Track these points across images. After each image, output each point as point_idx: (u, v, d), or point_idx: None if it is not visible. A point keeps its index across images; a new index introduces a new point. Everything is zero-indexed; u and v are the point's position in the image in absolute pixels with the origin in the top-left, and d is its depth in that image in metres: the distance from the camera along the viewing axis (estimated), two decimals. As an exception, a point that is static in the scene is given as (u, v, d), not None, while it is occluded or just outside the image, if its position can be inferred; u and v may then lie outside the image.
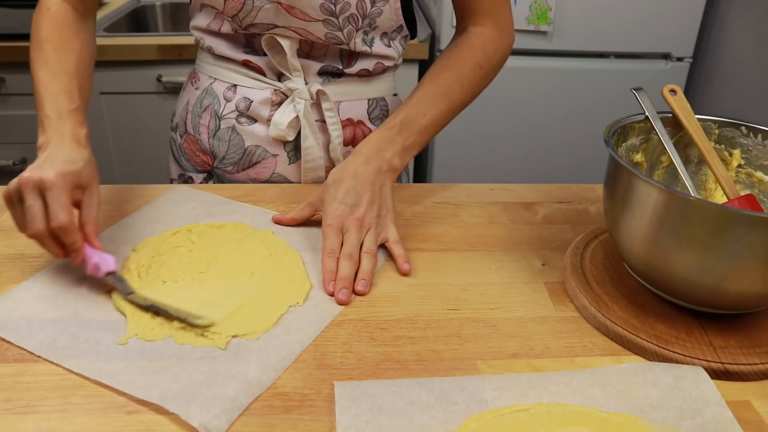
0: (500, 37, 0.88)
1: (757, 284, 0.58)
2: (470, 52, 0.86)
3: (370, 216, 0.74)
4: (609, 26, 1.73)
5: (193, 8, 0.90)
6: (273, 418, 0.53)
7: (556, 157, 1.89)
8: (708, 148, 0.70)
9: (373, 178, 0.76)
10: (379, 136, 0.80)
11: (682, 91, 0.71)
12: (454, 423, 0.52)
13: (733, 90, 1.76)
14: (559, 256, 0.76)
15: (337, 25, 0.83)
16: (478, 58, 0.86)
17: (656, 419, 0.52)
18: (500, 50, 0.88)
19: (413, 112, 0.81)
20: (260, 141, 0.91)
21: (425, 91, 0.83)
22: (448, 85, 0.84)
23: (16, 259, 0.72)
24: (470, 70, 0.85)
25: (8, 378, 0.56)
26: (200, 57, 0.94)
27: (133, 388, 0.54)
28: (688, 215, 0.57)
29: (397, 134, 0.80)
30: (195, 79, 0.95)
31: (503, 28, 0.88)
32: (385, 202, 0.76)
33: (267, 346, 0.60)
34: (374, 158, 0.78)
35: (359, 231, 0.72)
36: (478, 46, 0.86)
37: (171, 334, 0.60)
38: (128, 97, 1.76)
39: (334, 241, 0.71)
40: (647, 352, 0.60)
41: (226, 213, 0.81)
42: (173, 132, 0.99)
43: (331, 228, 0.72)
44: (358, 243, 0.72)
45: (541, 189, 0.92)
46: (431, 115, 0.82)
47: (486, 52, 0.86)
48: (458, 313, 0.66)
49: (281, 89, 0.88)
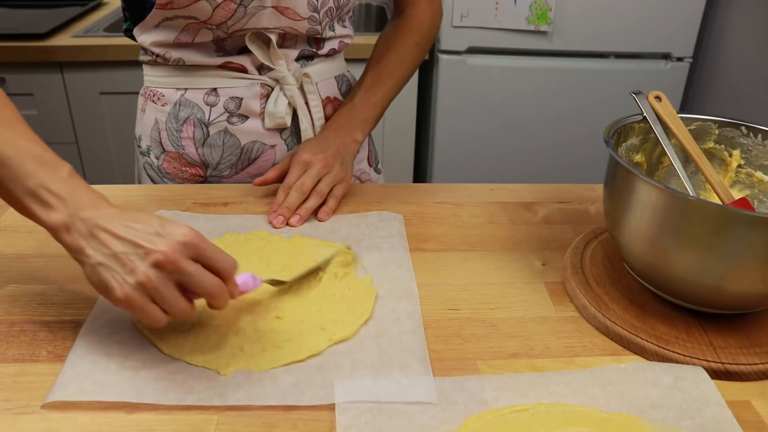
0: (434, 14, 1.01)
1: (757, 284, 0.58)
2: (409, 32, 0.98)
3: (335, 162, 0.83)
4: (609, 26, 1.73)
5: (146, 25, 0.85)
6: (273, 418, 0.53)
7: (556, 157, 1.89)
8: (698, 153, 0.70)
9: (338, 143, 0.87)
10: (341, 115, 0.92)
11: (666, 98, 0.71)
12: (454, 423, 0.52)
13: (733, 90, 1.76)
14: (559, 256, 0.76)
15: (317, 19, 0.87)
16: (415, 37, 0.98)
17: (656, 419, 0.52)
18: (434, 26, 1.01)
19: (366, 91, 0.94)
20: (256, 136, 0.91)
21: (374, 72, 0.96)
22: (393, 64, 0.96)
23: (15, 259, 0.72)
24: (410, 48, 0.98)
25: (8, 378, 0.56)
26: (157, 73, 0.90)
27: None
28: (688, 215, 0.57)
29: (356, 112, 0.92)
30: (157, 97, 0.90)
31: (435, 7, 1.01)
32: (346, 161, 0.86)
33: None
34: (339, 131, 0.89)
35: (323, 168, 0.81)
36: (414, 26, 0.99)
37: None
38: (128, 97, 1.75)
39: (295, 176, 0.80)
40: (647, 352, 0.60)
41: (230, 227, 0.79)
42: (146, 156, 0.94)
43: (298, 164, 0.81)
44: (316, 178, 0.81)
45: (541, 189, 0.92)
46: (381, 92, 0.95)
47: (422, 31, 0.99)
48: (458, 313, 0.66)
49: (267, 82, 0.90)
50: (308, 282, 0.68)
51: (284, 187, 0.80)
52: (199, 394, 0.54)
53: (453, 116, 1.84)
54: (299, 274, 0.67)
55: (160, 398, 0.54)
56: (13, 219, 0.80)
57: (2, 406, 0.53)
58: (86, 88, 1.72)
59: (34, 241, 0.75)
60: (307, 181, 0.80)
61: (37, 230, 0.77)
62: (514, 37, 1.74)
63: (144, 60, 0.91)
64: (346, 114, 0.92)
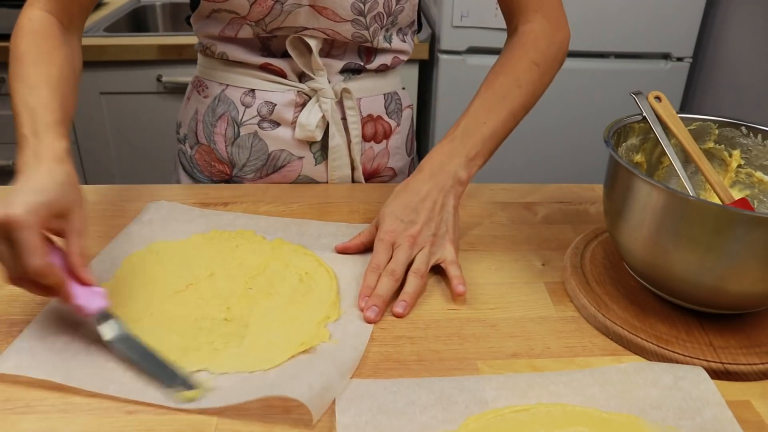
0: (553, 31, 0.84)
1: (757, 284, 0.58)
2: (523, 52, 0.82)
3: (425, 234, 0.70)
4: (609, 26, 1.73)
5: (200, 15, 0.86)
6: (273, 418, 0.53)
7: (556, 156, 1.89)
8: (698, 153, 0.70)
9: (435, 196, 0.72)
10: (441, 149, 0.76)
11: (666, 98, 0.71)
12: (454, 423, 0.52)
13: (733, 90, 1.76)
14: (559, 256, 0.76)
15: (364, 24, 0.83)
16: (531, 56, 0.82)
17: (656, 419, 0.52)
18: (555, 44, 0.84)
19: (472, 121, 0.78)
20: (285, 145, 0.89)
21: (482, 99, 0.80)
22: (506, 89, 0.80)
23: (16, 259, 0.72)
24: (525, 69, 0.81)
25: (8, 378, 0.56)
26: (206, 64, 0.92)
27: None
28: (688, 215, 0.57)
29: (459, 145, 0.76)
30: (202, 88, 0.92)
31: (555, 21, 0.84)
32: (445, 220, 0.72)
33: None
34: (437, 173, 0.74)
35: (410, 248, 0.69)
36: (529, 44, 0.82)
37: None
38: (128, 97, 1.76)
39: (382, 257, 0.68)
40: (647, 352, 0.60)
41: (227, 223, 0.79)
42: (182, 144, 0.96)
43: (382, 242, 0.69)
44: (406, 261, 0.68)
45: (541, 189, 0.92)
46: (492, 122, 0.78)
47: (539, 48, 0.82)
48: (458, 313, 0.66)
49: (304, 90, 0.87)
50: (275, 287, 0.68)
51: (374, 269, 0.67)
52: (120, 386, 0.54)
53: (453, 116, 1.81)
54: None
55: (84, 384, 0.54)
56: (13, 219, 0.79)
57: (2, 406, 0.53)
58: (86, 88, 1.72)
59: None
60: (398, 269, 0.67)
61: (37, 230, 0.77)
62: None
63: (198, 49, 0.92)
64: (447, 149, 0.76)
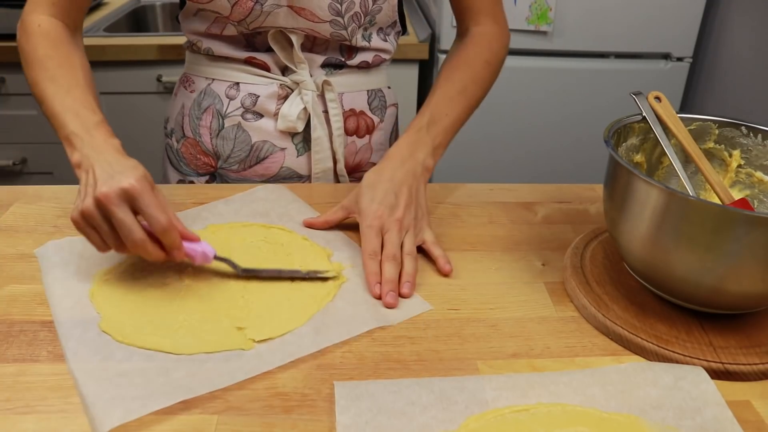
0: (501, 34, 0.92)
1: (757, 284, 0.58)
2: (478, 51, 0.89)
3: (408, 217, 0.74)
4: (609, 26, 1.73)
5: (187, 13, 0.89)
6: (273, 418, 0.53)
7: (556, 157, 1.89)
8: (698, 154, 0.70)
9: (409, 181, 0.76)
10: (408, 139, 0.81)
11: (666, 98, 0.71)
12: (454, 423, 0.52)
13: (733, 90, 1.76)
14: (559, 256, 0.76)
15: (342, 24, 0.86)
16: (486, 56, 0.89)
17: (656, 419, 0.52)
18: (503, 47, 0.92)
19: (436, 112, 0.83)
20: (267, 136, 0.91)
21: (443, 92, 0.85)
22: (464, 83, 0.86)
23: (16, 258, 0.72)
24: (481, 67, 0.88)
25: (8, 378, 0.56)
26: (193, 60, 0.95)
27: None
28: (688, 215, 0.57)
29: (426, 135, 0.81)
30: (189, 83, 0.95)
31: (501, 26, 0.92)
32: (420, 205, 0.76)
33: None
34: (407, 160, 0.78)
35: (399, 232, 0.72)
36: (484, 44, 0.89)
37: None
38: (128, 97, 1.76)
39: (375, 243, 0.71)
40: (647, 352, 0.60)
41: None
42: (168, 138, 0.99)
43: (372, 229, 0.72)
44: (399, 244, 0.71)
45: (541, 189, 0.92)
46: (453, 114, 0.84)
47: (492, 49, 0.90)
48: (458, 313, 0.66)
49: (287, 83, 0.90)
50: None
51: (372, 256, 0.70)
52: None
53: (453, 116, 1.83)
54: (264, 268, 0.70)
55: (188, 392, 0.54)
56: (13, 219, 0.80)
57: (2, 406, 0.53)
58: (86, 88, 1.72)
59: (33, 241, 0.75)
60: (397, 253, 0.70)
61: (36, 230, 0.77)
62: (514, 37, 1.70)
63: (186, 46, 0.95)
64: (414, 138, 0.81)
